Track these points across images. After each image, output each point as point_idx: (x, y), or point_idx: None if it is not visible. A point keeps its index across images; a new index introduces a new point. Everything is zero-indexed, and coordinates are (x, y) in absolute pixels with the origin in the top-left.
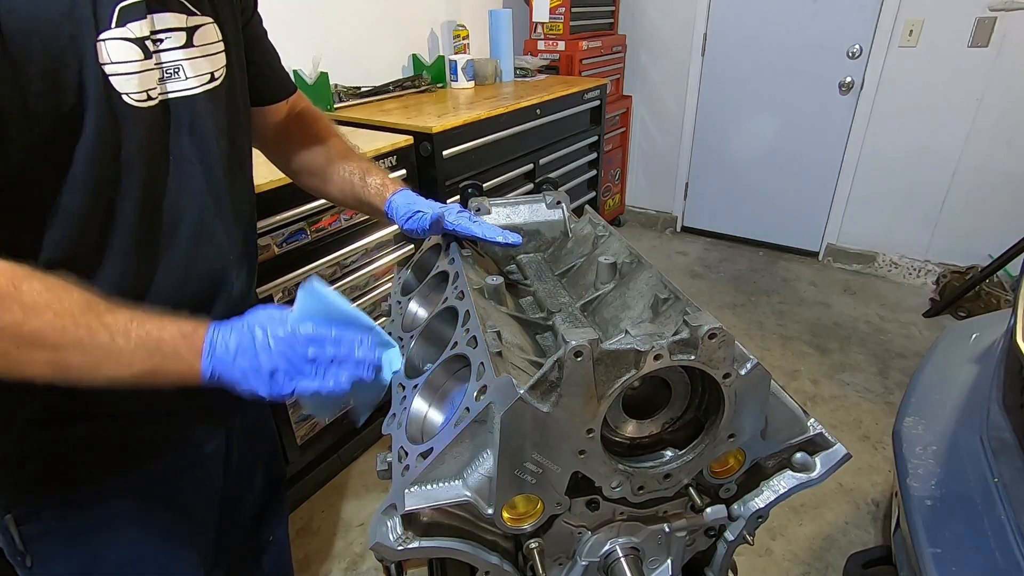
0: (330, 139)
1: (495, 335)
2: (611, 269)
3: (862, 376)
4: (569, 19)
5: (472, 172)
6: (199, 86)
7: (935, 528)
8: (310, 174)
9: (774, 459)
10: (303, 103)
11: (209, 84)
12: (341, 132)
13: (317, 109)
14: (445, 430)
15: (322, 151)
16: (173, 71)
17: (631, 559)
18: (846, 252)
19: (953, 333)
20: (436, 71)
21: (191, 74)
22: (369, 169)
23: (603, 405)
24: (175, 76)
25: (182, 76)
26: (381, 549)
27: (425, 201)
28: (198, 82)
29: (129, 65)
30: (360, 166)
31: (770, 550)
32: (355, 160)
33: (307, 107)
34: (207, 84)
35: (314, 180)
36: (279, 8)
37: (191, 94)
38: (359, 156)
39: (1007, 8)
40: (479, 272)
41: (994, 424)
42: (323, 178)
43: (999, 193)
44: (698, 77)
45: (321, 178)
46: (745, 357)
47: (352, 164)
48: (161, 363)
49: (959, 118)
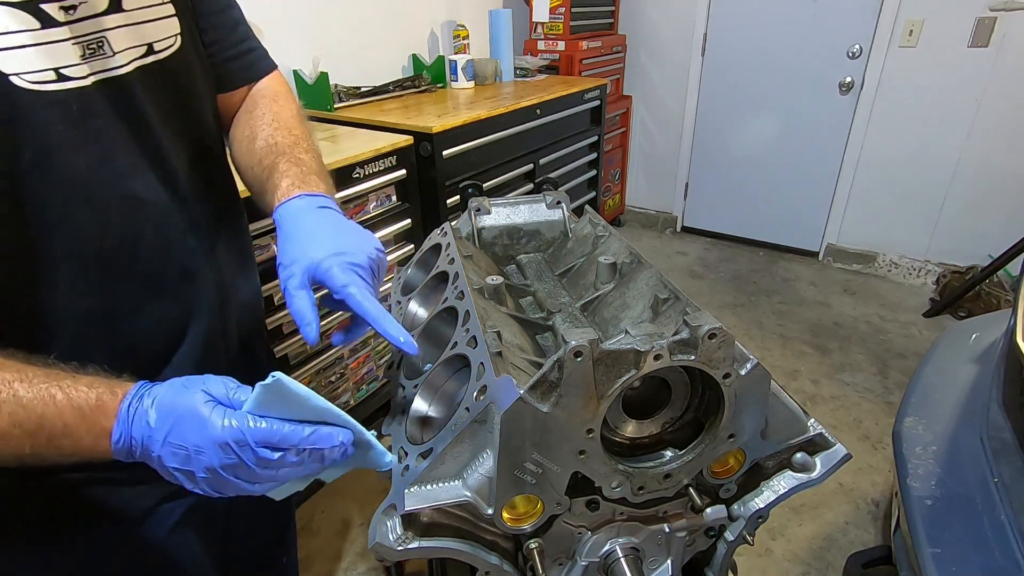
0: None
1: (495, 335)
2: (611, 269)
3: (862, 376)
4: (569, 19)
5: (472, 172)
6: (130, 62)
7: (935, 528)
8: (237, 169)
9: (774, 459)
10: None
11: (147, 58)
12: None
13: (282, 91)
14: (445, 430)
15: (246, 136)
16: (96, 45)
17: (631, 559)
18: (846, 252)
19: (953, 333)
20: (436, 71)
21: (118, 47)
22: (280, 163)
23: (603, 405)
24: (99, 52)
25: (107, 51)
26: (381, 549)
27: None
28: (129, 56)
29: (13, 37)
30: (275, 161)
31: (770, 550)
32: (274, 154)
33: (267, 86)
34: (142, 58)
35: (239, 174)
36: (279, 8)
37: (119, 74)
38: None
39: (1007, 8)
40: (479, 272)
41: (994, 424)
42: (237, 169)
43: (999, 193)
44: (698, 77)
45: (237, 169)
46: (745, 357)
47: (268, 158)
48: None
49: (959, 118)
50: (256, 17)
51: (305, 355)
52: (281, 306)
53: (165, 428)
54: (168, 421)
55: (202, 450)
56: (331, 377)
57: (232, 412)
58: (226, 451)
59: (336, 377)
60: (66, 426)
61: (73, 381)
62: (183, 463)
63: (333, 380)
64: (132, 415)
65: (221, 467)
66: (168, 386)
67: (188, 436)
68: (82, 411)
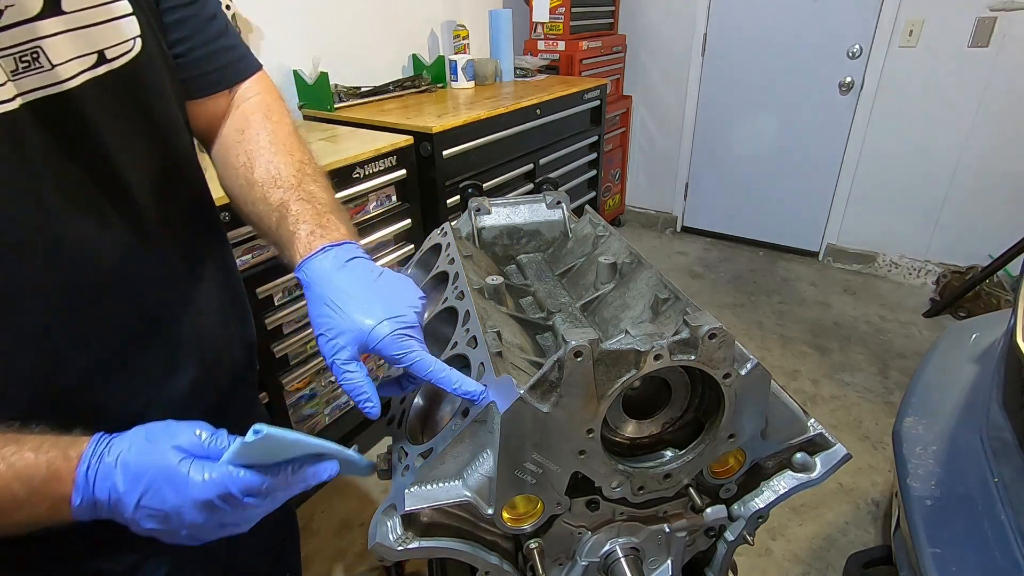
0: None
1: (495, 335)
2: (611, 269)
3: (862, 376)
4: (569, 19)
5: (472, 172)
6: (77, 74)
7: (935, 528)
8: (230, 198)
9: (774, 459)
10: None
11: (98, 68)
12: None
13: (274, 103)
14: (445, 430)
15: (242, 172)
16: (30, 58)
17: (631, 559)
18: (846, 252)
19: (953, 333)
20: (436, 71)
21: (60, 58)
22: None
23: (603, 405)
24: (35, 65)
25: (43, 63)
26: (381, 549)
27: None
28: (75, 68)
29: None
30: (283, 198)
31: (770, 550)
32: (281, 188)
33: (255, 96)
34: (92, 69)
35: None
36: (279, 8)
37: (62, 90)
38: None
39: (1007, 8)
40: (479, 272)
41: (994, 424)
42: (233, 201)
43: (999, 193)
44: (698, 77)
45: (233, 201)
46: (745, 357)
47: (274, 193)
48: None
49: (959, 118)
50: (256, 17)
51: (306, 355)
52: (280, 306)
53: (136, 492)
54: (139, 484)
55: (182, 510)
56: (331, 377)
57: (211, 465)
58: (209, 508)
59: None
60: (16, 500)
61: (17, 447)
62: (162, 524)
63: (333, 380)
64: (93, 479)
65: (205, 523)
66: (131, 441)
67: (166, 498)
68: (32, 482)
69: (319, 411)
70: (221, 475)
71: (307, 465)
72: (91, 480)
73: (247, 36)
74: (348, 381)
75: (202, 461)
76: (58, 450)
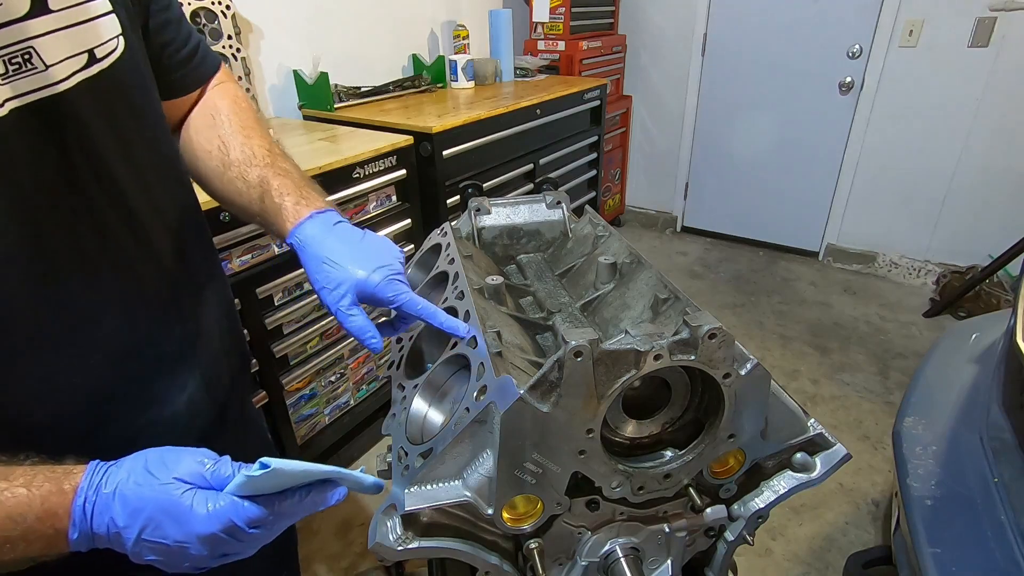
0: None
1: (495, 335)
2: (611, 269)
3: (862, 376)
4: (569, 19)
5: (472, 172)
6: (70, 75)
7: (935, 528)
8: (201, 180)
9: (774, 459)
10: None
11: (90, 68)
12: (247, 122)
13: (239, 92)
14: (445, 430)
15: (216, 155)
16: (21, 59)
17: (631, 559)
18: (846, 252)
19: (953, 333)
20: (436, 71)
21: (52, 59)
22: (272, 179)
23: (603, 405)
24: (27, 67)
25: (37, 64)
26: (381, 549)
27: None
28: (68, 69)
29: None
30: (262, 175)
31: (770, 550)
32: (259, 166)
33: (222, 87)
34: (85, 69)
35: (205, 187)
36: (279, 8)
37: (56, 92)
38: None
39: (1007, 8)
40: (479, 272)
41: (994, 424)
42: (210, 185)
43: (999, 193)
44: (698, 77)
45: (209, 185)
46: (745, 357)
47: (252, 172)
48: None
49: (959, 118)
50: (256, 17)
51: (305, 355)
52: (280, 306)
53: (136, 526)
54: (139, 518)
55: (185, 544)
56: (331, 377)
57: (215, 496)
58: (214, 540)
59: (336, 377)
60: (9, 539)
61: (6, 484)
62: (164, 556)
63: (333, 380)
64: (91, 513)
65: (209, 555)
66: (128, 471)
67: (167, 532)
68: (25, 521)
69: (319, 411)
70: (226, 507)
71: (314, 492)
72: (88, 514)
73: (247, 36)
74: (353, 323)
75: (205, 492)
76: (52, 483)
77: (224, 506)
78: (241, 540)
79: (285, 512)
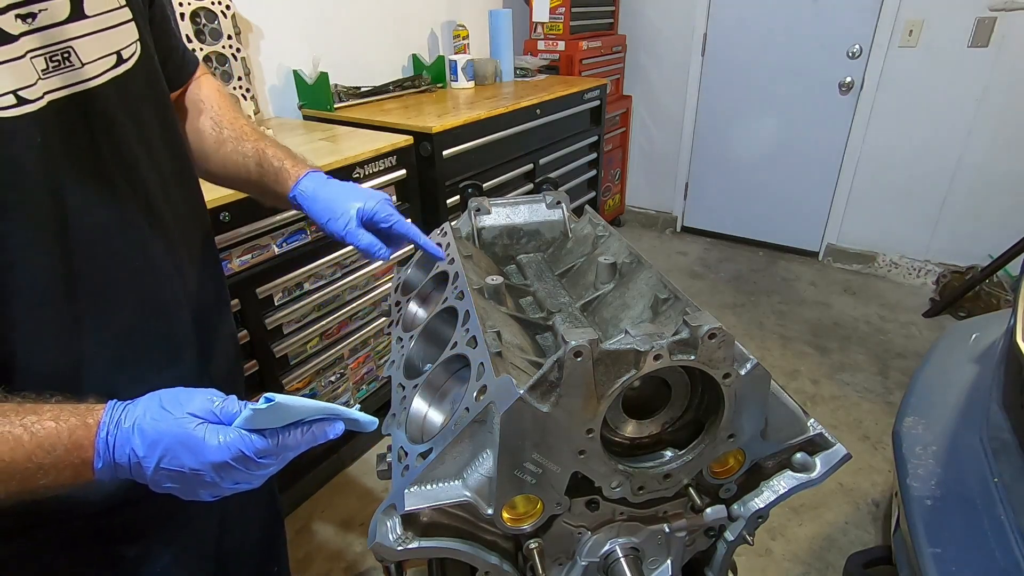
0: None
1: (495, 335)
2: (611, 269)
3: (862, 376)
4: (569, 19)
5: (472, 172)
6: (102, 72)
7: (935, 528)
8: (199, 159)
9: (774, 459)
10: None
11: (118, 68)
12: (230, 105)
13: (219, 85)
14: (445, 430)
15: (211, 134)
16: (61, 57)
17: (631, 559)
18: (846, 252)
19: (953, 333)
20: (436, 71)
21: (88, 58)
22: (266, 148)
23: (603, 405)
24: (65, 64)
25: (75, 62)
26: (381, 549)
27: (341, 187)
28: (101, 67)
29: None
30: (256, 146)
31: (770, 550)
32: (250, 140)
33: (204, 82)
34: (114, 68)
35: (202, 165)
36: (279, 8)
37: (90, 87)
38: (255, 135)
39: (1007, 8)
40: (479, 272)
41: (994, 424)
42: (208, 161)
43: (999, 193)
44: (698, 77)
45: (206, 162)
46: (745, 357)
47: (246, 144)
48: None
49: (959, 118)
50: (256, 17)
51: (306, 355)
52: (280, 306)
53: (155, 455)
54: (157, 449)
55: (201, 472)
56: (331, 377)
57: (225, 429)
58: (225, 468)
59: (336, 377)
60: (40, 468)
61: (37, 417)
62: (179, 482)
63: (333, 380)
64: (112, 444)
65: (221, 482)
66: (146, 408)
67: (184, 461)
68: (55, 451)
69: None
70: (235, 439)
71: (315, 426)
72: (111, 446)
73: (247, 36)
74: (363, 239)
75: (216, 426)
76: (77, 418)
77: (233, 438)
78: (251, 470)
79: (289, 444)
